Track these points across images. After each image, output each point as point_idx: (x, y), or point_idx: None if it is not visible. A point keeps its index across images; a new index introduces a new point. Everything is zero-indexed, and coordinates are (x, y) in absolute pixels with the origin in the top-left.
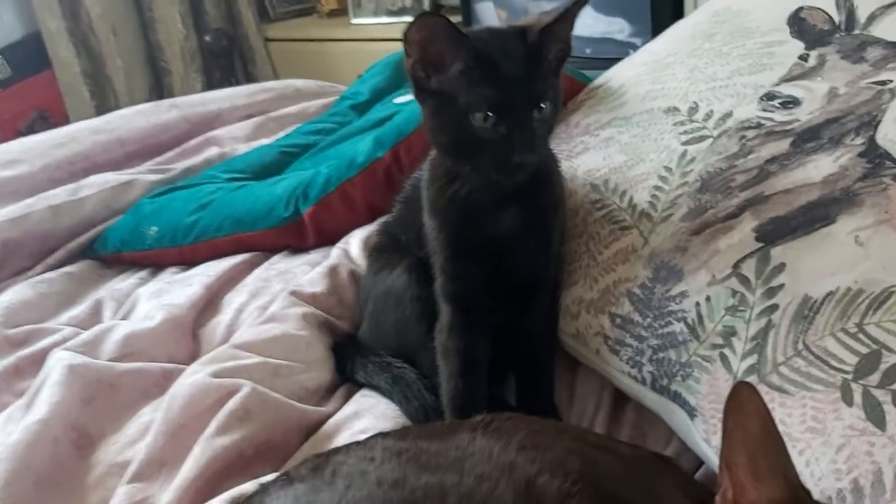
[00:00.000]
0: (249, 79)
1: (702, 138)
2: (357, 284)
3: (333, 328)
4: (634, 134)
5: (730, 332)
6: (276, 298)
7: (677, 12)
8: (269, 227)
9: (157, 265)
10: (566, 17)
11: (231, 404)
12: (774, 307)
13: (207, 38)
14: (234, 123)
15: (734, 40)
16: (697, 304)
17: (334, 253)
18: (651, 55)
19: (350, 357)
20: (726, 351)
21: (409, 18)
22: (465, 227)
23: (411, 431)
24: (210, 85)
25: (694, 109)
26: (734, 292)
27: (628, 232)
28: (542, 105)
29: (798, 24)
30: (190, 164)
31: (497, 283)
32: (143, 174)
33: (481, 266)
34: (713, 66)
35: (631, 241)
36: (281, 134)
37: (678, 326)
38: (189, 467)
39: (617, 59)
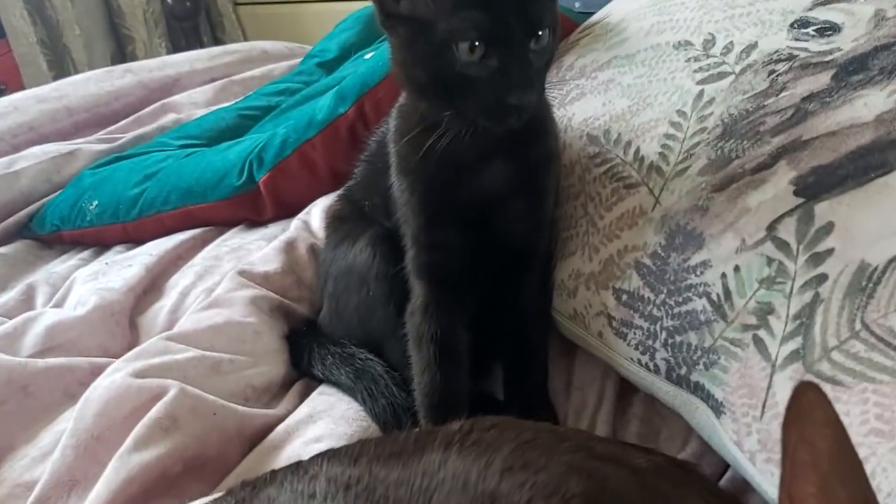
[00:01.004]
0: (218, 44)
1: (721, 75)
2: (318, 261)
3: (289, 313)
4: (639, 74)
5: (766, 310)
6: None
7: None
8: (220, 198)
9: (101, 244)
10: None
11: (154, 412)
12: (822, 278)
13: (169, 1)
14: (195, 88)
15: None
16: (723, 275)
17: (293, 225)
18: None
19: (307, 347)
20: (762, 333)
21: None
22: (442, 186)
23: (366, 451)
24: (176, 51)
25: (710, 42)
26: (770, 260)
27: (635, 190)
28: (540, 32)
29: None
30: (142, 133)
31: (480, 254)
32: (89, 143)
33: (461, 233)
34: None
35: (638, 201)
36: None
37: (700, 303)
38: (99, 491)
39: None
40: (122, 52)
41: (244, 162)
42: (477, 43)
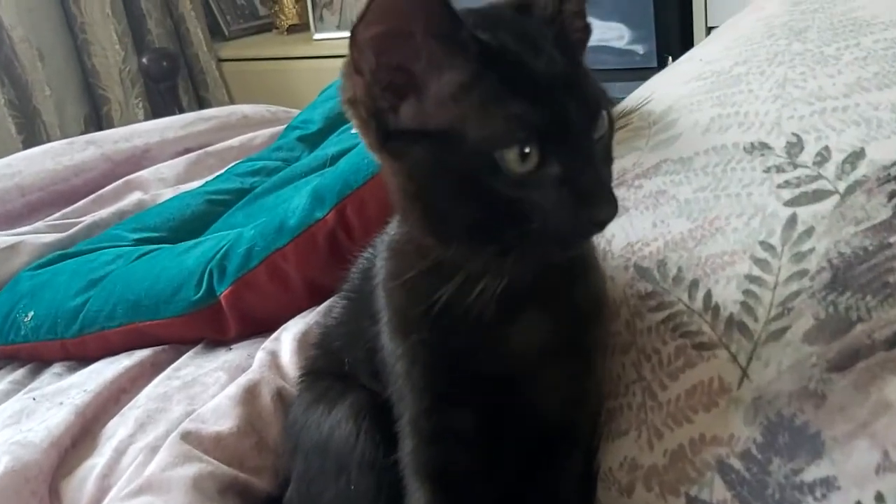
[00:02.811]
0: (201, 104)
1: (819, 195)
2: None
3: (245, 491)
4: (700, 186)
5: None
6: (173, 428)
7: (685, 15)
8: (174, 314)
9: (38, 360)
10: None
11: None
12: None
13: (144, 61)
14: (166, 161)
15: (840, 38)
16: None
17: (257, 359)
18: (707, 64)
19: None
20: None
21: None
22: (455, 353)
23: None
24: (155, 113)
25: (795, 146)
26: None
27: (710, 354)
28: (603, 113)
29: None
30: (98, 219)
31: (504, 438)
32: (35, 234)
33: (479, 415)
34: (816, 78)
35: (717, 370)
36: (220, 172)
37: None
38: None
39: (616, 70)
40: (96, 114)
41: (203, 271)
42: (527, 149)
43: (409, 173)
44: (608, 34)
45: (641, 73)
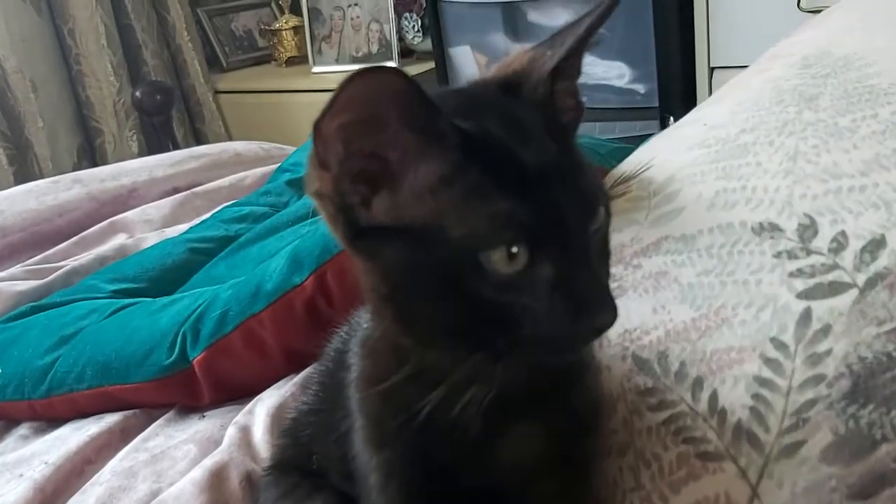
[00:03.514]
0: (197, 136)
1: (836, 288)
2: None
3: None
4: (705, 269)
5: None
6: None
7: (686, 55)
8: (145, 378)
9: (7, 419)
10: (578, 49)
11: None
12: None
13: (137, 94)
14: (155, 201)
15: (855, 107)
16: None
17: (227, 437)
18: (712, 130)
19: None
20: None
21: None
22: (437, 468)
23: None
24: (149, 146)
25: (808, 228)
26: None
27: (716, 466)
28: (601, 209)
29: None
30: (78, 265)
31: None
32: (12, 281)
33: None
34: (830, 152)
35: (724, 485)
36: (206, 216)
37: None
38: None
39: (617, 110)
40: (90, 146)
41: (176, 333)
42: (515, 249)
43: (382, 273)
44: (609, 73)
45: (642, 113)
